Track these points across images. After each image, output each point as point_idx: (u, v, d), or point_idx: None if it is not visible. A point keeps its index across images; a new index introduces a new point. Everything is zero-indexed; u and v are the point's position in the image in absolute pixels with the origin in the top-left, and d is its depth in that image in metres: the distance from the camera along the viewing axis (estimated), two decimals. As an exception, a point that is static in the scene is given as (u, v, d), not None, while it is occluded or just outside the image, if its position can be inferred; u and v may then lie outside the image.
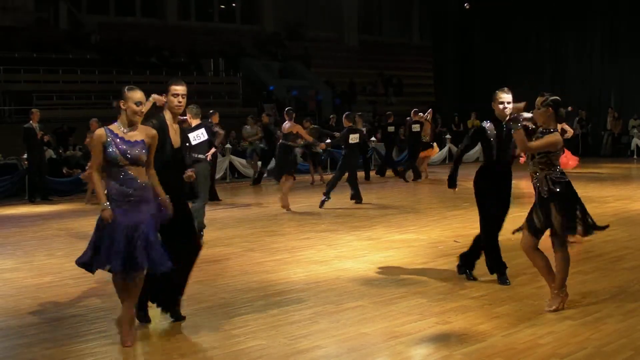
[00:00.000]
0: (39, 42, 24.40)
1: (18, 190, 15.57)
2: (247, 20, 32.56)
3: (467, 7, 26.43)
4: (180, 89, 5.59)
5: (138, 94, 5.11)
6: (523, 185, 12.23)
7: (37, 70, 23.00)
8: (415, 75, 33.11)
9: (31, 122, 14.44)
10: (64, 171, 16.49)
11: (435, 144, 18.42)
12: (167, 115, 5.64)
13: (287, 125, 12.88)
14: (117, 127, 5.11)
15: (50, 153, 16.60)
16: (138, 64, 25.73)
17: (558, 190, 5.58)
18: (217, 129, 12.15)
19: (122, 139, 5.05)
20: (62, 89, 23.27)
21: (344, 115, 13.73)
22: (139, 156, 5.06)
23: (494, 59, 27.13)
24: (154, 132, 5.25)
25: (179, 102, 5.59)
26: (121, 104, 5.12)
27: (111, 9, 29.13)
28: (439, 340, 5.07)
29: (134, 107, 5.08)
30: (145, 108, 5.22)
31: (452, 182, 6.67)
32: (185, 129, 6.01)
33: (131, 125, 5.11)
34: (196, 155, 9.22)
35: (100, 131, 5.10)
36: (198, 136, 9.28)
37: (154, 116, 5.62)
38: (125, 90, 5.13)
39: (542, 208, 5.67)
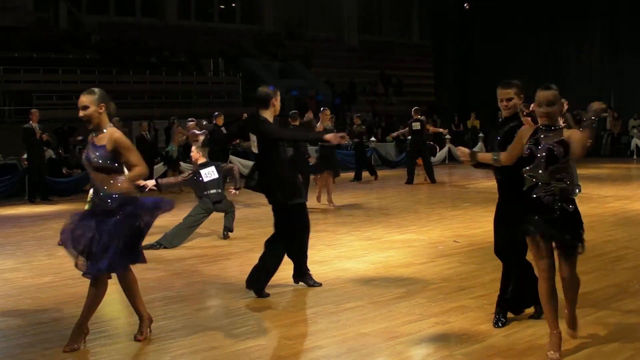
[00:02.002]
0: (39, 42, 24.40)
1: (18, 190, 15.59)
2: (247, 20, 32.55)
3: (467, 7, 26.45)
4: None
5: (79, 99, 4.97)
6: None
7: (37, 70, 22.99)
8: (415, 75, 33.10)
9: (31, 122, 14.45)
10: (64, 171, 16.50)
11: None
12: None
13: (319, 123, 13.02)
14: (93, 134, 5.02)
15: (50, 153, 16.61)
16: (138, 64, 25.73)
17: (571, 210, 4.66)
18: (229, 165, 12.26)
19: (92, 143, 4.98)
20: (62, 89, 23.22)
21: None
22: (97, 162, 4.87)
23: (494, 59, 27.12)
24: (116, 134, 4.92)
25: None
26: None
27: (111, 9, 29.12)
28: (439, 340, 5.07)
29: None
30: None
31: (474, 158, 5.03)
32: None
33: (96, 130, 4.97)
34: (213, 192, 9.39)
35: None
36: (209, 173, 9.47)
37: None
38: None
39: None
